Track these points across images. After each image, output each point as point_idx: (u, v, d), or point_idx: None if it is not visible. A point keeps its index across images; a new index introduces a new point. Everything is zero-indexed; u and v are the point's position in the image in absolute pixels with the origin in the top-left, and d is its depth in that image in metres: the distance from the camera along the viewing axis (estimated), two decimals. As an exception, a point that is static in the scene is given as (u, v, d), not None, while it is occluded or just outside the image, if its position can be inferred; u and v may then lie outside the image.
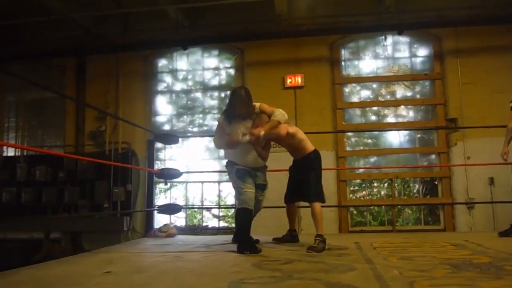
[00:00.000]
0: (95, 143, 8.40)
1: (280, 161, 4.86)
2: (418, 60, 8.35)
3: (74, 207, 8.02)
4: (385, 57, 8.37)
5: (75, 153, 8.09)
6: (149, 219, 7.97)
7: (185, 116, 8.82)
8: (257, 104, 4.29)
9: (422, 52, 8.37)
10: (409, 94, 8.26)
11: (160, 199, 8.53)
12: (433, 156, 8.03)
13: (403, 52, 8.41)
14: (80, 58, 8.67)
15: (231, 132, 4.24)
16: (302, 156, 4.48)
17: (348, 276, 2.71)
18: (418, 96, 8.25)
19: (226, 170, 4.55)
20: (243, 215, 4.14)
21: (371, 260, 3.32)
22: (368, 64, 8.43)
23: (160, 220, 7.91)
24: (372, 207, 8.10)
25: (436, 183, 7.87)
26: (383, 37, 8.17)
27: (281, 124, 4.24)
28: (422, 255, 3.50)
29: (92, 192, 8.09)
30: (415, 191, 8.15)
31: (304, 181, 4.37)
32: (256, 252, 3.83)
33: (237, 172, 4.21)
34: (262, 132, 4.07)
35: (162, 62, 9.00)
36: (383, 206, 8.01)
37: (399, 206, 7.96)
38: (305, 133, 5.53)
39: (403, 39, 8.29)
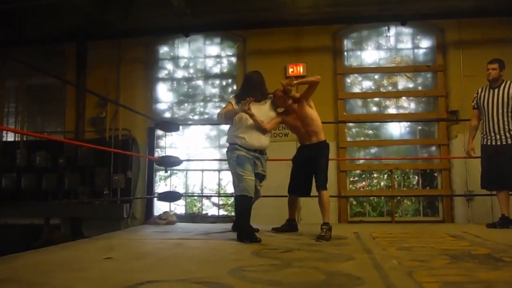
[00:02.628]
0: (95, 129, 8.40)
1: (281, 150, 4.86)
2: (421, 51, 8.31)
3: (74, 194, 8.03)
4: (387, 48, 8.33)
5: (75, 140, 8.07)
6: (149, 206, 8.02)
7: (186, 104, 8.80)
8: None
9: (425, 43, 8.33)
10: (411, 85, 8.23)
11: (160, 187, 8.56)
12: (433, 148, 8.04)
13: (406, 43, 8.36)
14: (81, 44, 8.61)
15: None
16: (317, 141, 4.48)
17: (347, 265, 2.73)
18: (420, 87, 8.22)
19: (225, 159, 4.55)
20: (243, 203, 4.15)
21: (370, 250, 3.34)
22: (370, 54, 8.38)
23: (160, 207, 7.95)
24: (371, 197, 8.13)
25: (435, 175, 7.89)
26: (386, 28, 8.13)
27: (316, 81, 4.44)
28: (421, 245, 3.52)
29: (92, 179, 8.10)
30: (414, 182, 8.17)
31: (315, 168, 4.38)
32: (255, 241, 3.83)
33: (237, 159, 4.20)
34: (295, 82, 4.25)
35: (163, 49, 8.96)
36: (382, 197, 8.03)
37: (399, 197, 7.99)
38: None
39: (406, 30, 8.25)
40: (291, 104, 4.49)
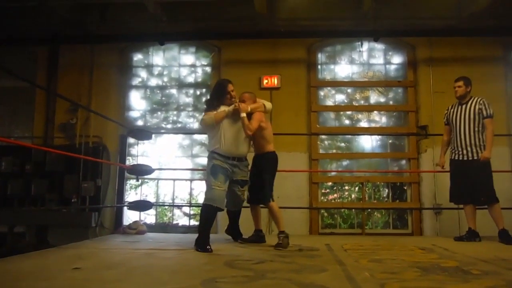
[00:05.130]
0: (65, 136, 8.19)
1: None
2: (392, 67, 8.53)
3: (41, 201, 7.80)
4: (360, 63, 8.50)
5: (44, 145, 7.85)
6: (119, 215, 7.81)
7: (159, 112, 8.72)
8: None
9: (396, 59, 8.55)
10: (382, 100, 8.42)
11: (131, 196, 8.40)
12: (404, 162, 8.21)
13: (378, 59, 8.56)
14: (53, 47, 8.41)
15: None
16: (261, 153, 4.60)
17: (320, 276, 2.74)
18: (391, 102, 8.41)
19: (197, 168, 4.62)
20: (205, 212, 4.23)
21: (342, 261, 3.36)
22: (343, 68, 8.54)
23: (129, 216, 7.79)
24: (342, 210, 8.21)
25: (405, 188, 8.04)
26: (359, 43, 8.31)
27: (266, 109, 4.51)
28: (392, 258, 3.56)
29: (61, 186, 7.88)
30: (384, 195, 8.30)
31: (259, 182, 4.51)
32: (205, 251, 3.89)
33: (212, 168, 4.25)
34: (249, 108, 4.28)
35: (137, 56, 8.87)
36: (353, 209, 8.12)
37: (369, 210, 8.10)
38: (280, 134, 5.52)
39: (378, 46, 8.45)
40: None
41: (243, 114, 4.21)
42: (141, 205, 6.26)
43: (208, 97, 4.83)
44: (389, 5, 7.69)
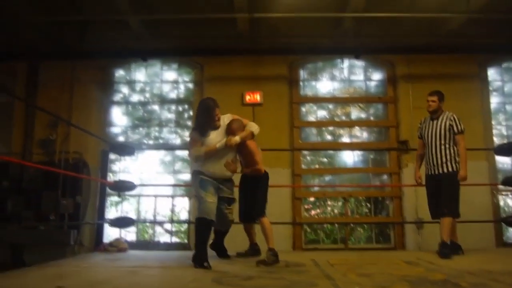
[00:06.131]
0: (44, 152, 7.99)
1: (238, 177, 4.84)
2: (373, 83, 8.67)
3: (17, 218, 7.57)
4: (341, 80, 8.63)
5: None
6: (99, 232, 7.67)
7: (140, 128, 8.64)
8: (228, 115, 4.53)
9: (376, 76, 8.71)
10: (363, 115, 8.53)
11: (111, 213, 8.24)
12: (385, 177, 8.29)
13: (359, 76, 8.70)
14: (33, 62, 8.28)
15: (208, 143, 4.27)
16: (254, 174, 4.59)
17: (311, 290, 2.72)
18: (371, 118, 8.53)
19: (180, 184, 4.62)
20: (200, 225, 4.14)
21: (330, 276, 3.35)
22: (325, 85, 8.65)
23: (109, 234, 7.64)
24: (325, 225, 8.22)
25: (387, 202, 8.11)
26: (340, 60, 8.45)
27: (255, 134, 4.51)
28: (379, 272, 3.57)
29: (38, 203, 7.63)
30: (367, 210, 8.35)
31: (251, 198, 4.52)
32: (203, 268, 3.83)
33: (200, 182, 4.23)
34: (238, 140, 4.24)
35: (119, 73, 8.80)
36: (336, 224, 8.14)
37: (352, 225, 8.12)
38: (262, 150, 5.48)
39: (359, 63, 8.59)
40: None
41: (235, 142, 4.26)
42: (123, 222, 6.17)
43: (195, 117, 4.81)
44: (369, 24, 7.83)
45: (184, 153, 8.06)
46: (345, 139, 8.46)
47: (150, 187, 8.06)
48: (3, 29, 7.69)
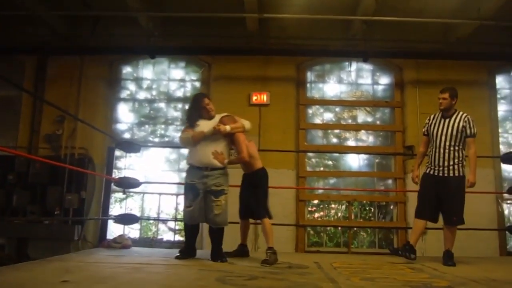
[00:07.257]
0: (50, 147, 8.03)
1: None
2: (380, 87, 8.66)
3: (22, 212, 7.62)
4: (348, 83, 8.61)
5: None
6: (103, 228, 7.69)
7: (146, 126, 8.66)
8: (223, 114, 4.58)
9: (384, 80, 8.69)
10: (369, 119, 8.51)
11: (115, 209, 8.26)
12: (390, 181, 8.27)
13: (366, 79, 8.69)
14: (42, 57, 8.31)
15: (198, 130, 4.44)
16: (251, 171, 4.67)
17: (315, 294, 2.72)
18: (378, 122, 8.52)
19: (184, 182, 4.76)
20: (185, 229, 4.66)
21: (334, 279, 3.34)
22: (332, 87, 8.64)
23: (113, 230, 7.66)
24: (328, 228, 8.20)
25: (391, 207, 8.09)
26: (348, 63, 8.44)
27: (246, 129, 4.57)
28: (384, 276, 3.55)
29: (44, 198, 7.69)
30: (371, 214, 8.33)
31: (251, 198, 4.60)
32: (179, 258, 4.35)
33: (184, 189, 4.52)
34: (228, 128, 4.36)
35: (126, 69, 8.83)
36: (339, 228, 8.12)
37: (355, 229, 8.11)
38: (268, 151, 5.51)
39: (367, 66, 8.58)
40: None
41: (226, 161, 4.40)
42: (127, 219, 6.16)
43: (186, 110, 4.99)
44: (378, 28, 7.83)
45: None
46: (351, 143, 8.45)
47: (155, 184, 8.08)
48: (13, 23, 7.74)
